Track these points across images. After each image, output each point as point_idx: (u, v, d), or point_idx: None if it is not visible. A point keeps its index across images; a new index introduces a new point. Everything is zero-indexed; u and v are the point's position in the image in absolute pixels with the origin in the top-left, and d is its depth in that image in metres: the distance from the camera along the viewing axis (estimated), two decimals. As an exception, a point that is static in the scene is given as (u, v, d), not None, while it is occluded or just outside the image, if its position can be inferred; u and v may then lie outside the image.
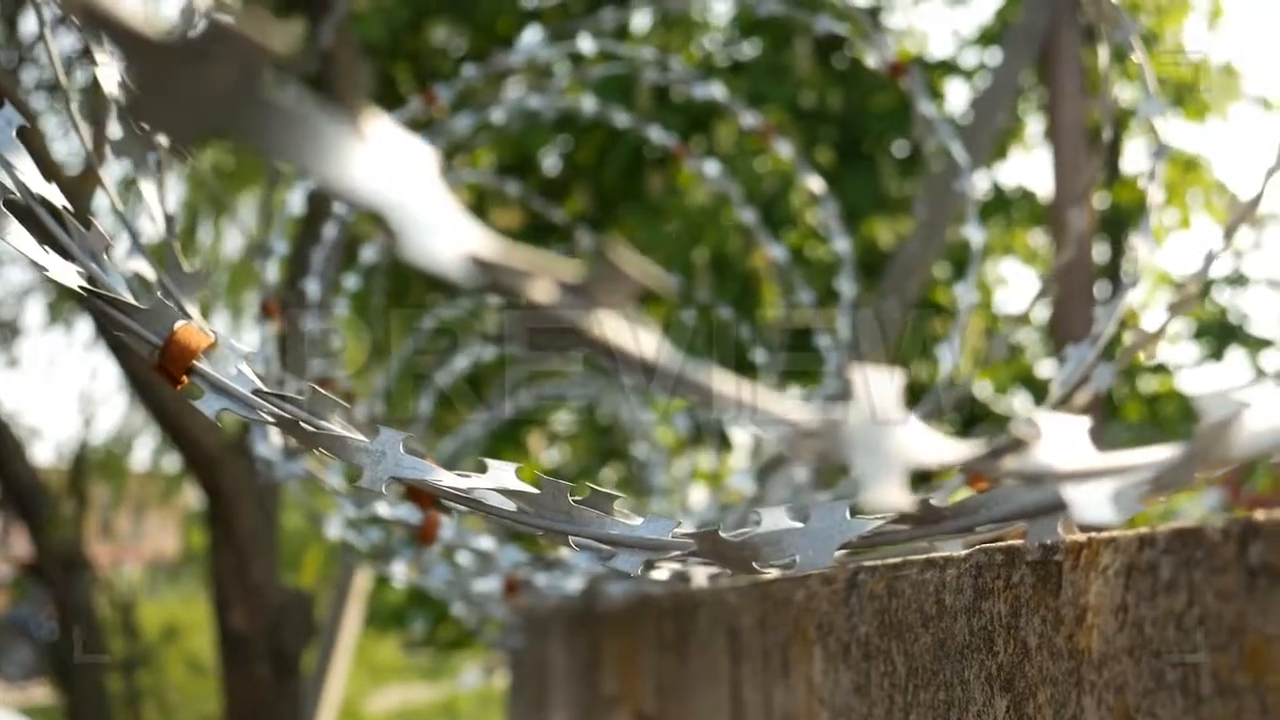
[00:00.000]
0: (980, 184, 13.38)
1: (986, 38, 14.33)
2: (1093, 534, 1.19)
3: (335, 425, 1.53)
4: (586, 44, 4.49)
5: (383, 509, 3.07)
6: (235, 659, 8.73)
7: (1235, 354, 14.31)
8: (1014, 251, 14.97)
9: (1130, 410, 14.25)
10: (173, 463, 16.46)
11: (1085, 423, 0.91)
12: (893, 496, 0.74)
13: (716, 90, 4.55)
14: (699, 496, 9.91)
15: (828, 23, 4.19)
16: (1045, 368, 14.13)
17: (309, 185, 3.90)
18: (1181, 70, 13.95)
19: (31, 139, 1.65)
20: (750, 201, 5.30)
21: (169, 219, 2.15)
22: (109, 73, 2.08)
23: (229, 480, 8.47)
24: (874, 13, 14.27)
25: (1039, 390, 13.97)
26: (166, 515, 21.20)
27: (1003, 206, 14.07)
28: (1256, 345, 14.30)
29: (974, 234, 3.74)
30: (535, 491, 1.41)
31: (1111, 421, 13.63)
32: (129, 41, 0.55)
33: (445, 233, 0.61)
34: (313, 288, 4.38)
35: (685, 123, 12.22)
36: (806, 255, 12.69)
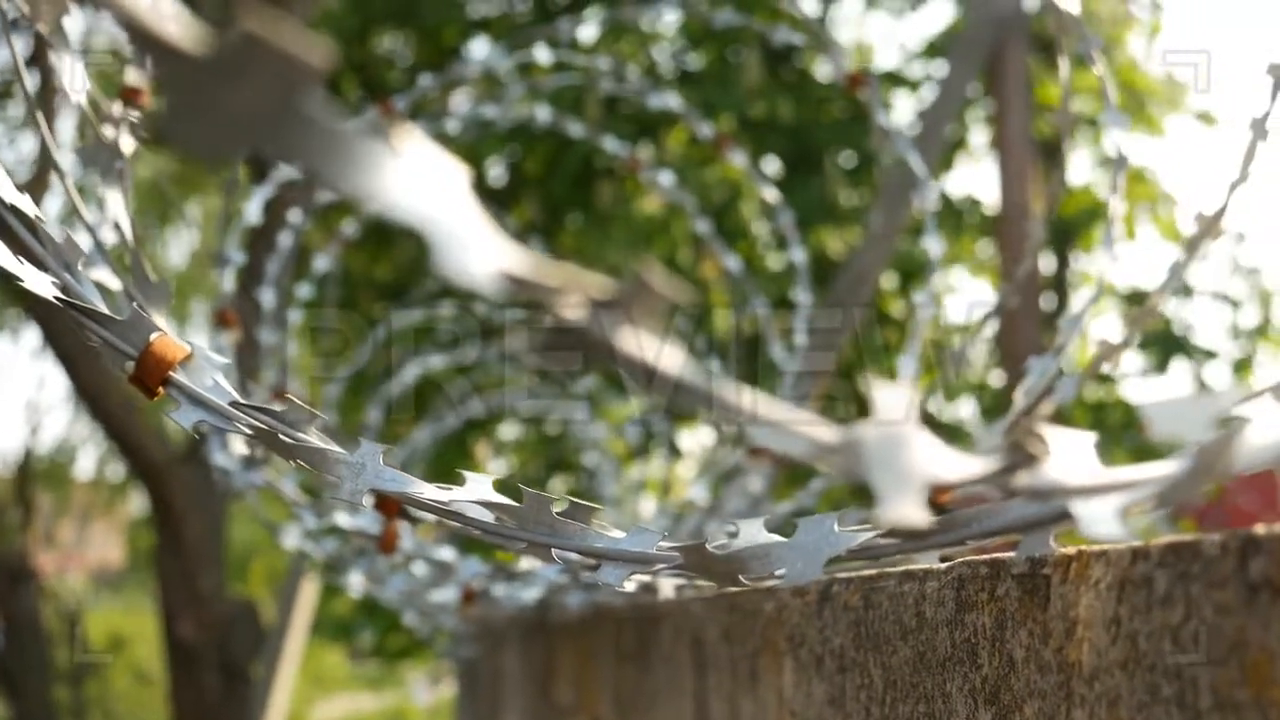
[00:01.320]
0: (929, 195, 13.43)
1: (933, 50, 14.39)
2: (1082, 547, 1.19)
3: (312, 437, 1.52)
4: (543, 54, 4.48)
5: (343, 519, 3.06)
6: (183, 669, 8.68)
7: (1179, 365, 14.40)
8: (961, 261, 15.03)
9: (1077, 418, 14.33)
10: (116, 472, 16.37)
11: (1091, 437, 0.91)
12: (910, 511, 0.74)
13: (672, 100, 4.55)
14: (648, 506, 9.90)
15: (786, 33, 4.20)
16: (993, 377, 14.18)
17: (267, 194, 3.89)
18: (1129, 82, 14.05)
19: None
20: (699, 212, 5.30)
21: (129, 228, 2.14)
22: (77, 78, 2.07)
23: (177, 490, 8.43)
24: (821, 24, 14.30)
25: (988, 400, 14.03)
26: (110, 524, 21.08)
27: (951, 217, 14.12)
28: (1200, 356, 14.40)
29: (932, 245, 3.75)
30: (517, 505, 1.41)
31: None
32: (167, 56, 0.54)
33: (479, 248, 0.60)
34: (268, 297, 4.36)
35: (633, 132, 12.21)
36: (754, 266, 12.70)
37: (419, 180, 0.59)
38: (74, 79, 2.06)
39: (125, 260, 2.11)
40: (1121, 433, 13.78)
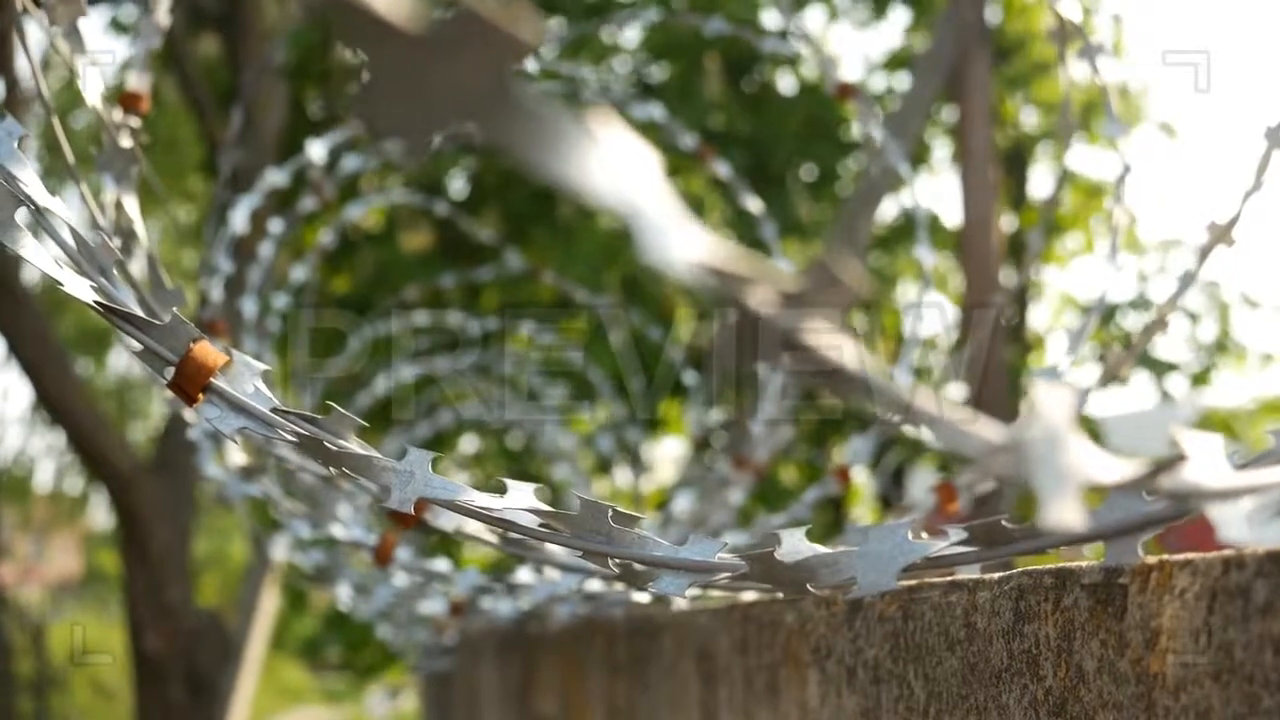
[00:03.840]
0: (888, 208, 13.47)
1: (896, 62, 14.43)
2: (1164, 557, 1.18)
3: (353, 444, 1.50)
4: (529, 62, 4.45)
5: (338, 530, 3.03)
6: (149, 681, 8.62)
7: (1140, 376, 14.46)
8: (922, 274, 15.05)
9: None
10: (75, 484, 16.28)
11: (1220, 441, 0.90)
12: (1070, 514, 0.72)
13: (655, 111, 4.53)
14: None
15: (775, 43, 4.19)
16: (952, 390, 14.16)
17: (254, 204, 3.85)
18: (1093, 95, 14.09)
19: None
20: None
21: (144, 233, 2.11)
22: (94, 82, 2.04)
23: (143, 501, 8.37)
24: (784, 35, 14.30)
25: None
26: (69, 537, 20.95)
27: (913, 230, 14.13)
28: (1161, 369, 14.46)
29: (925, 256, 3.75)
30: (572, 513, 1.38)
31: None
32: (378, 31, 0.52)
33: (678, 237, 0.58)
34: (249, 307, 4.33)
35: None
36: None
37: (618, 166, 0.57)
38: (89, 83, 2.04)
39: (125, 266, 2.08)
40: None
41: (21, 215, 1.46)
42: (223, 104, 11.01)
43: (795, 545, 1.38)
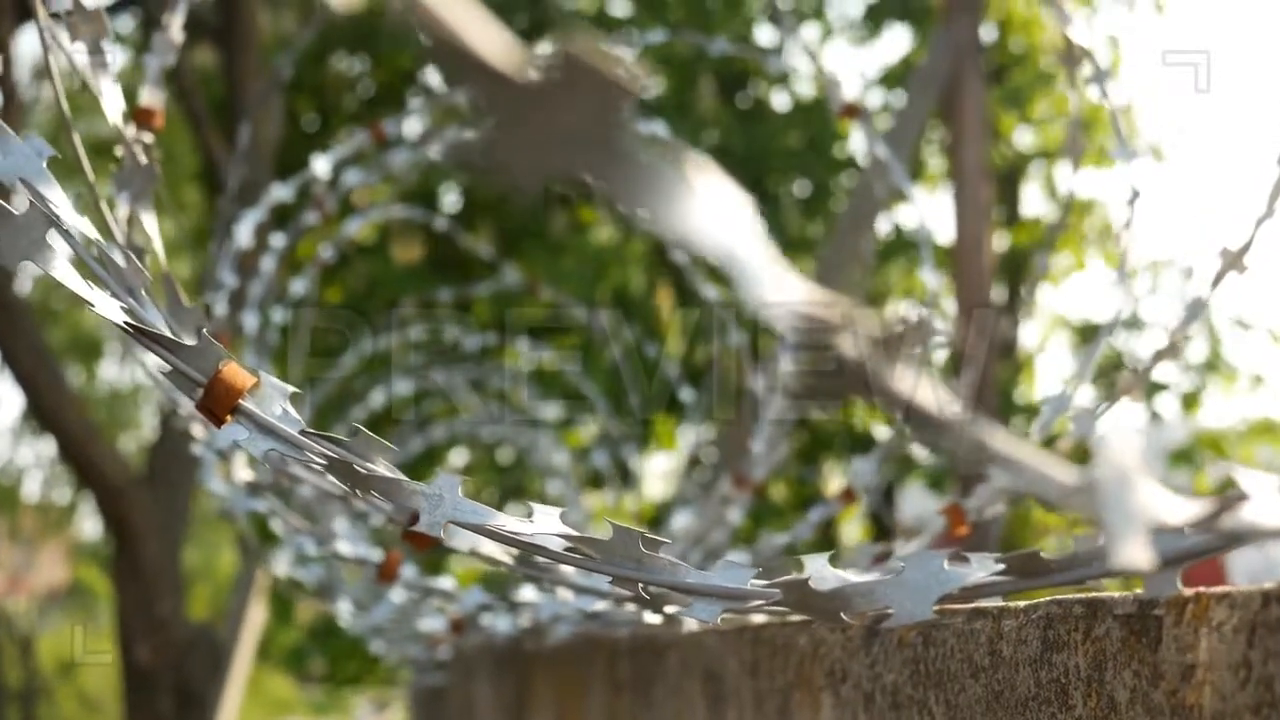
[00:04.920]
0: (883, 225, 13.48)
1: (890, 79, 14.47)
2: (1200, 589, 1.18)
3: (381, 467, 1.50)
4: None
5: (344, 547, 3.03)
6: (139, 693, 8.60)
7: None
8: (914, 293, 15.08)
9: (1029, 450, 14.35)
10: (63, 495, 16.25)
11: (1277, 480, 0.90)
12: (1139, 553, 0.73)
13: (659, 128, 4.54)
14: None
15: (779, 61, 4.20)
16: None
17: (259, 218, 3.86)
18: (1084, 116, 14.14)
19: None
20: (652, 240, 5.32)
21: (162, 252, 2.11)
22: (112, 100, 2.04)
23: (135, 513, 8.35)
24: (779, 52, 14.34)
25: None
26: (55, 547, 20.90)
27: (904, 248, 14.17)
28: (1151, 389, 14.49)
29: (929, 278, 3.76)
30: (604, 538, 1.38)
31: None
32: (489, 79, 0.53)
33: (771, 282, 0.59)
34: (250, 320, 4.33)
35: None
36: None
37: (715, 212, 0.58)
38: (110, 100, 2.03)
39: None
40: (1072, 462, 13.82)
41: (52, 236, 1.46)
42: (218, 115, 11.02)
43: (821, 572, 1.39)
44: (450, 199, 14.25)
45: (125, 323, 1.45)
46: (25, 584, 20.19)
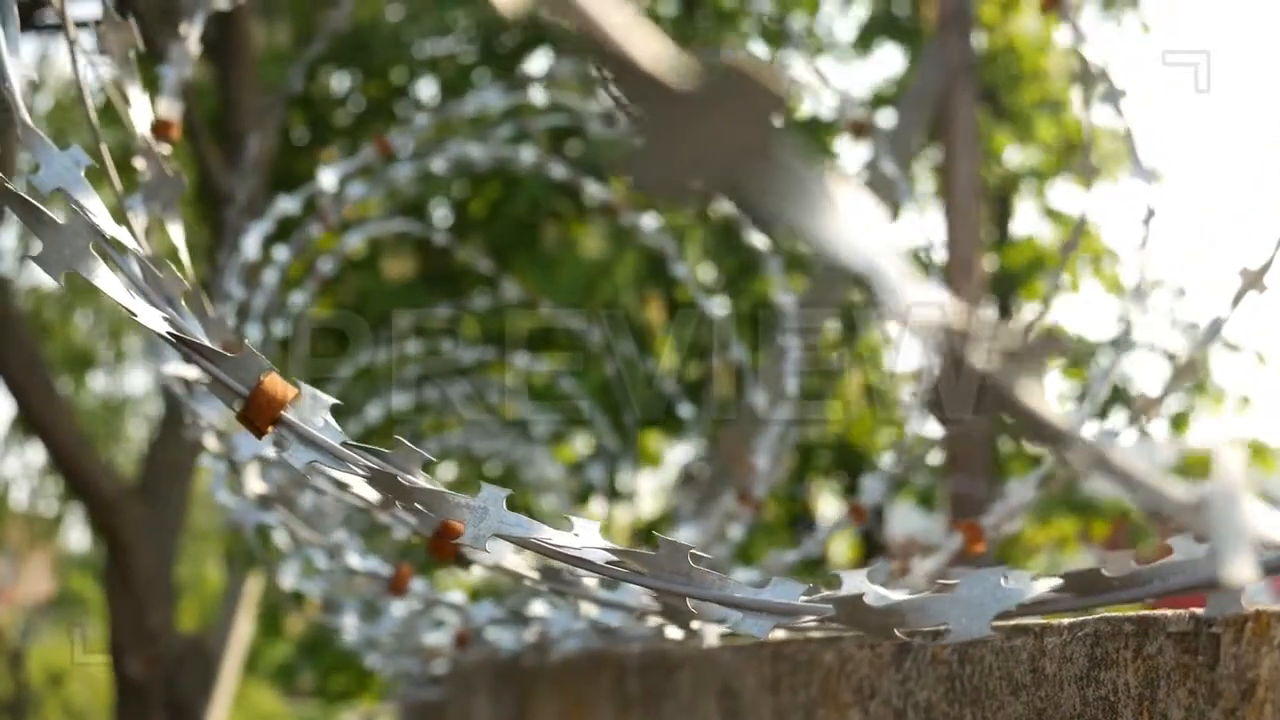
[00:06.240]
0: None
1: (881, 99, 14.47)
2: (1259, 607, 1.18)
3: (421, 479, 1.49)
4: (538, 95, 4.48)
5: (354, 560, 3.02)
6: (129, 706, 8.57)
7: (1118, 416, 14.45)
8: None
9: (1016, 468, 14.38)
10: (50, 505, 16.21)
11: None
12: (1245, 570, 0.72)
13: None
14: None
15: (788, 78, 4.20)
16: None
17: (265, 230, 3.85)
18: (1075, 137, 14.17)
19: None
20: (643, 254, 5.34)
21: (188, 261, 2.11)
22: (141, 110, 2.03)
23: (127, 525, 8.34)
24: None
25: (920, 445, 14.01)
26: (42, 558, 20.84)
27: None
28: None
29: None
30: (652, 553, 1.38)
31: (997, 480, 13.73)
32: (645, 88, 0.52)
33: (911, 294, 0.59)
34: (253, 333, 4.33)
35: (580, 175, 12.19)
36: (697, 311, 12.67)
37: (855, 224, 0.58)
38: (139, 112, 2.03)
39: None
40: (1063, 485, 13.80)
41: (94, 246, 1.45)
42: (214, 128, 10.99)
43: (857, 586, 1.38)
44: (441, 213, 14.23)
45: (169, 333, 1.44)
46: (10, 595, 20.12)
